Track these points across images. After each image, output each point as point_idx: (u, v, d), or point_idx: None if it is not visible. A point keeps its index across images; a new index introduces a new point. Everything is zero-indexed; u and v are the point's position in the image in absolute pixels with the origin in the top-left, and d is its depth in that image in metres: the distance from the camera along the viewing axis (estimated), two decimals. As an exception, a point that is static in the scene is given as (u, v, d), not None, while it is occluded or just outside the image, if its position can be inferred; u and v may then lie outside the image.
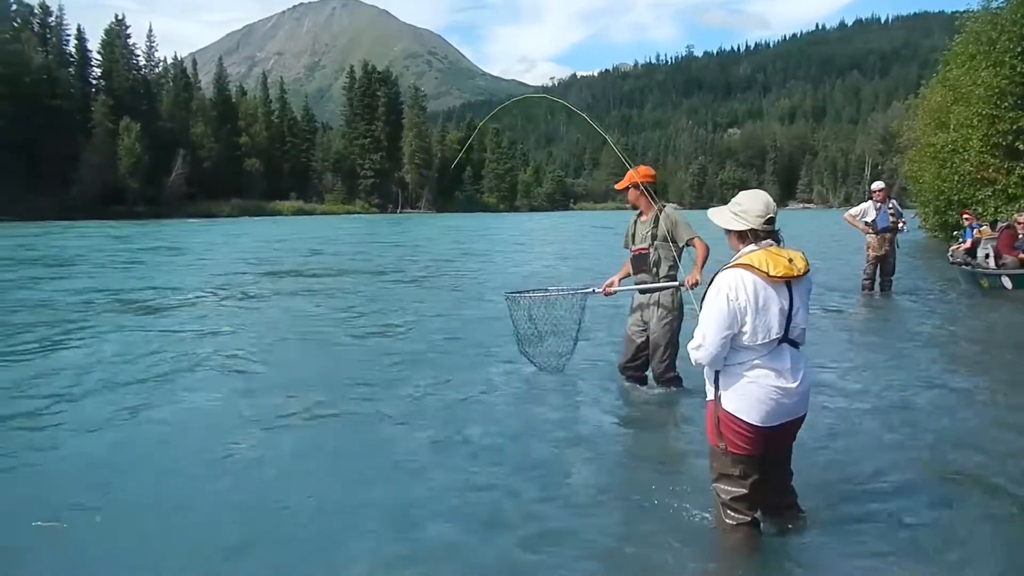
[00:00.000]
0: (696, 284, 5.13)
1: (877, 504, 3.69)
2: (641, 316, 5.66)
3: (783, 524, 3.37)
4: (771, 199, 3.20)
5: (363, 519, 3.62)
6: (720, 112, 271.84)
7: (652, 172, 5.66)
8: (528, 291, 5.93)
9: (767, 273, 2.99)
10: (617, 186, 5.65)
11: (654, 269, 5.52)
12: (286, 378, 6.53)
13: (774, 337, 3.05)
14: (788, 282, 3.05)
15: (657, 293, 5.52)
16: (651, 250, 5.49)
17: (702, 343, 3.07)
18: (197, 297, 12.32)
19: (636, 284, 5.65)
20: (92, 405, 5.64)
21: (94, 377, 6.48)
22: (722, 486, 3.23)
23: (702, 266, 5.24)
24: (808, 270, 3.10)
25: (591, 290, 5.76)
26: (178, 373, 6.65)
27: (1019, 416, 5.15)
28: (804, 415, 3.23)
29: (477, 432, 4.91)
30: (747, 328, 3.02)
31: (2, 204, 53.51)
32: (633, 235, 5.68)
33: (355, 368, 6.88)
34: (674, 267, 5.50)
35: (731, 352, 3.08)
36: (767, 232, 3.12)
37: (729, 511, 3.22)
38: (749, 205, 3.14)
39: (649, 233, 5.51)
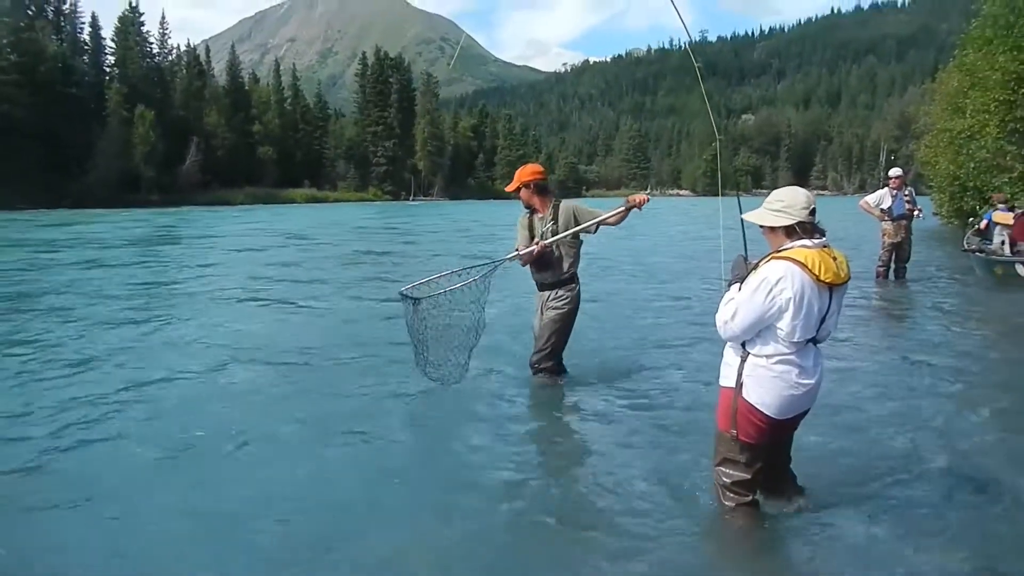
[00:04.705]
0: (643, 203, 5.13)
1: (877, 486, 3.79)
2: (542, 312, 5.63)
3: (782, 501, 3.48)
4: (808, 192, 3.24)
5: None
6: (733, 98, 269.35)
7: (540, 169, 5.62)
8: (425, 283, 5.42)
9: (817, 276, 2.99)
10: (507, 188, 5.58)
11: (556, 265, 5.45)
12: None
13: (808, 337, 3.10)
14: (831, 287, 3.08)
15: (552, 289, 5.47)
16: (552, 247, 5.40)
17: (730, 320, 3.12)
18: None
19: (538, 281, 5.57)
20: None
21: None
22: (725, 470, 3.33)
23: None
24: (850, 278, 3.14)
25: (508, 257, 5.45)
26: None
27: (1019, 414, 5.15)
28: (811, 406, 3.31)
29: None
30: (784, 325, 3.05)
31: (23, 192, 53.89)
32: (531, 233, 5.51)
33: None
34: (574, 264, 5.50)
35: (762, 342, 3.13)
36: (812, 225, 3.12)
37: (729, 493, 3.34)
38: (791, 200, 3.15)
39: (549, 230, 5.39)
